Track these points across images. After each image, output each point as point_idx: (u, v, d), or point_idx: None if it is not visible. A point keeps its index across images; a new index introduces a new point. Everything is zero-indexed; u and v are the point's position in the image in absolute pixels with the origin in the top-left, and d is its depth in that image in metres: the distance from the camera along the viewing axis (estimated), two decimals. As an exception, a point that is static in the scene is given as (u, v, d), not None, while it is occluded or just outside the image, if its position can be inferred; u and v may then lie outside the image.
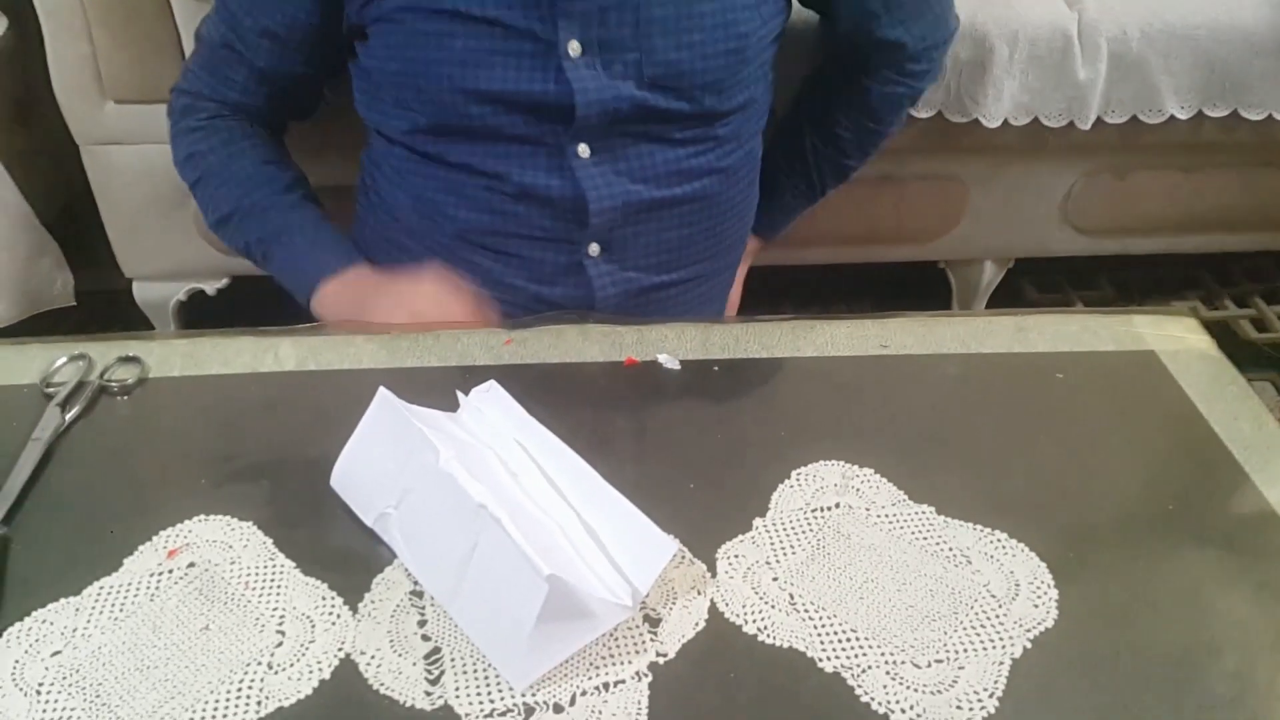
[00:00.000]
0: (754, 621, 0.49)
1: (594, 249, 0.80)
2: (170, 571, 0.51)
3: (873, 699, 0.45)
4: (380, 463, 0.53)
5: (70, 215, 1.29)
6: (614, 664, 0.46)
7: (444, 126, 0.76)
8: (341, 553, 0.52)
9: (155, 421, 0.63)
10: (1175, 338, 0.70)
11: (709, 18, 0.74)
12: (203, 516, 0.54)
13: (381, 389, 0.54)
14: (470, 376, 0.61)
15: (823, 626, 0.48)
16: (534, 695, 0.45)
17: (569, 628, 0.46)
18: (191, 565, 0.51)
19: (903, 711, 0.45)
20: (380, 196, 0.86)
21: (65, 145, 1.15)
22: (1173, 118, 1.17)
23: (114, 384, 0.64)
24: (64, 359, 0.65)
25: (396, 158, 0.81)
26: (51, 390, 0.63)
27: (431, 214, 0.81)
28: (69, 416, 0.61)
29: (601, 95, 0.74)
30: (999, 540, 0.53)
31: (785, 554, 0.52)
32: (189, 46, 1.06)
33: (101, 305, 1.33)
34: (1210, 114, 1.17)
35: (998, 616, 0.49)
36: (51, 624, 0.48)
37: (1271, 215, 1.31)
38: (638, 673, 0.46)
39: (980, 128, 1.16)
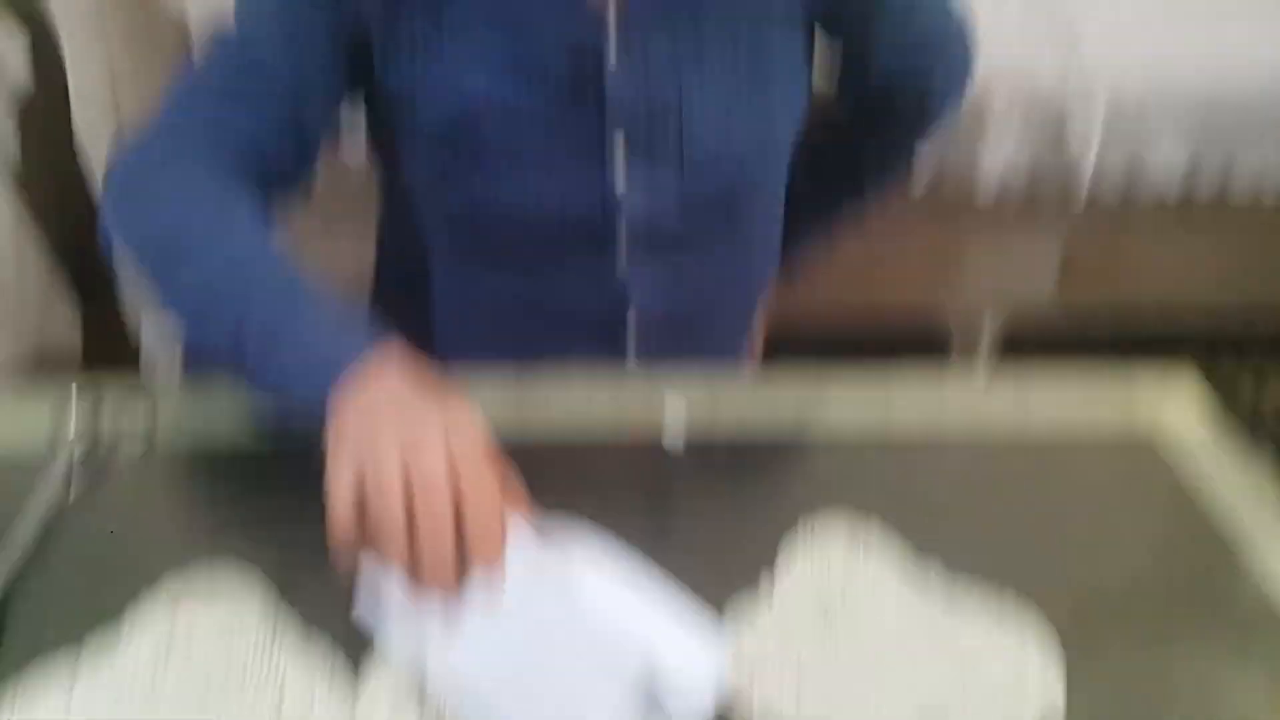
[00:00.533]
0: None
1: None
2: (169, 646, 0.49)
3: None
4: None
5: (82, 251, 1.32)
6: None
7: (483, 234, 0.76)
8: (347, 628, 0.49)
9: (161, 483, 0.62)
10: (1178, 406, 0.69)
11: (742, 115, 0.74)
12: (206, 585, 0.52)
13: None
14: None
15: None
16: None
17: None
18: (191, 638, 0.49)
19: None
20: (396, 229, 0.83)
21: (82, 182, 1.18)
22: (1167, 182, 1.19)
23: (122, 440, 0.62)
24: (74, 413, 0.64)
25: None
26: (59, 447, 0.61)
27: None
28: (75, 476, 0.59)
29: (644, 196, 0.74)
30: (1006, 626, 0.51)
31: (790, 643, 0.50)
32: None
33: (109, 341, 1.33)
34: (1204, 178, 1.19)
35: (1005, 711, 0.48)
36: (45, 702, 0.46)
37: (1267, 278, 1.32)
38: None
39: (974, 194, 1.19)
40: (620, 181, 0.72)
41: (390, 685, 0.47)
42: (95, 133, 1.15)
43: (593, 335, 0.78)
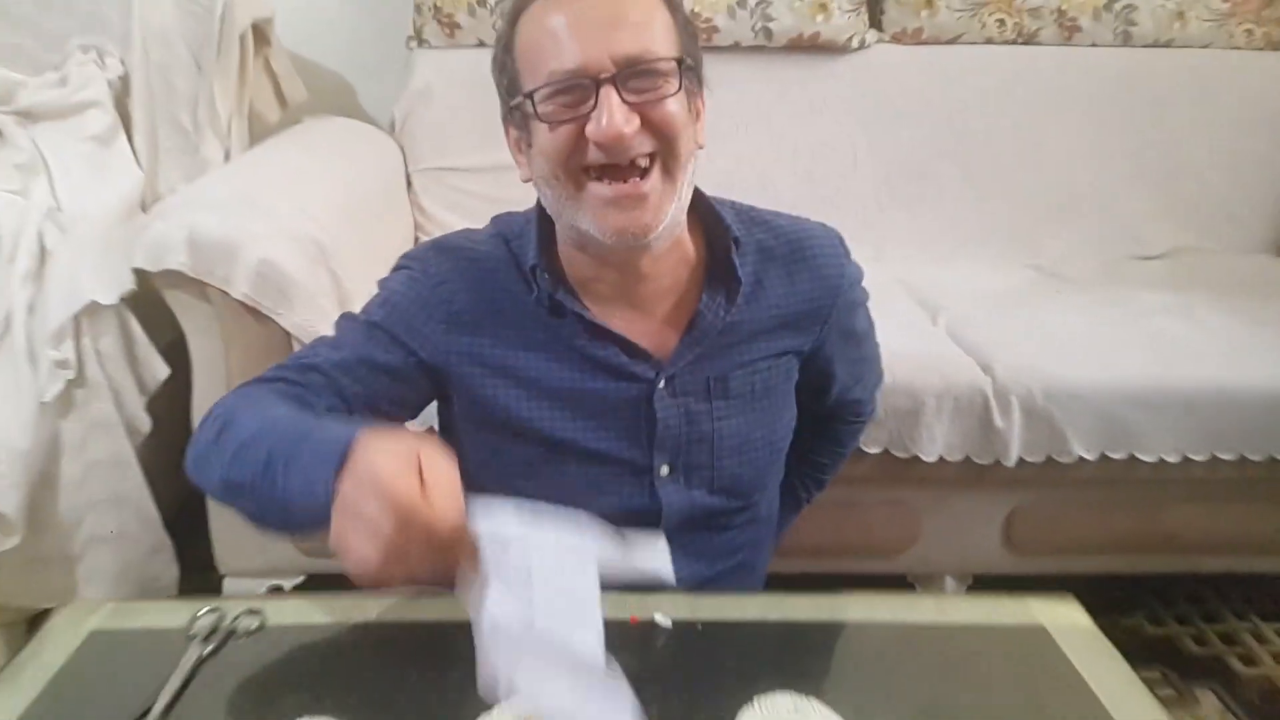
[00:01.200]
0: None
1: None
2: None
3: None
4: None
5: (184, 518, 1.59)
6: None
7: None
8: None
9: (275, 659, 0.84)
10: (1062, 614, 0.92)
11: (760, 441, 0.98)
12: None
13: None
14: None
15: None
16: None
17: None
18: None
19: None
20: None
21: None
22: (1081, 459, 1.44)
23: (241, 629, 0.85)
24: (205, 609, 0.87)
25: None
26: (194, 632, 0.84)
27: None
28: (206, 651, 0.82)
29: (682, 504, 0.96)
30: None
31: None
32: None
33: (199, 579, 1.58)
34: (1113, 456, 1.44)
35: None
36: None
37: (1183, 544, 1.54)
38: None
39: (922, 462, 1.44)
40: (665, 496, 0.95)
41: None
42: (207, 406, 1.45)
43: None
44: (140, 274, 1.40)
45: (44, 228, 1.46)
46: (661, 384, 0.93)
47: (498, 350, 0.93)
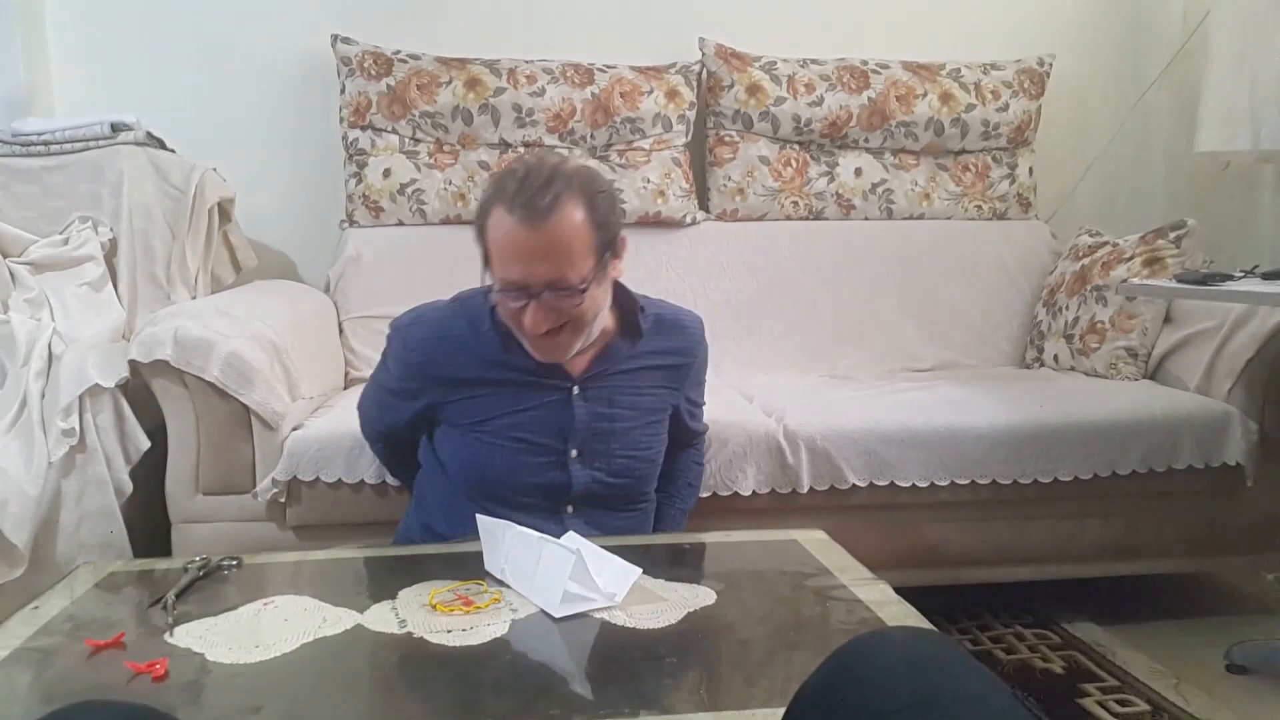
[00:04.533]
0: None
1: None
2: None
3: None
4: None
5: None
6: None
7: (486, 493, 1.39)
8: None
9: (254, 577, 1.22)
10: (809, 535, 1.36)
11: (643, 443, 1.46)
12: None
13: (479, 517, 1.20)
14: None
15: None
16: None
17: (579, 599, 1.05)
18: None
19: None
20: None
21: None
22: (854, 485, 1.91)
23: (225, 566, 1.24)
24: (196, 558, 1.24)
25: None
26: (188, 568, 1.21)
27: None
28: (200, 575, 1.19)
29: (586, 480, 1.40)
30: None
31: None
32: (261, 465, 1.80)
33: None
34: (878, 483, 1.92)
35: None
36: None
37: (944, 559, 1.99)
38: None
39: (741, 497, 1.89)
40: (573, 473, 1.40)
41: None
42: (179, 492, 1.83)
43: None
44: (132, 366, 1.82)
45: (52, 341, 1.88)
46: (576, 391, 1.40)
47: (459, 377, 1.41)
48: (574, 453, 1.40)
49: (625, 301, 1.45)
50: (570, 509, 1.42)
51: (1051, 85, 2.79)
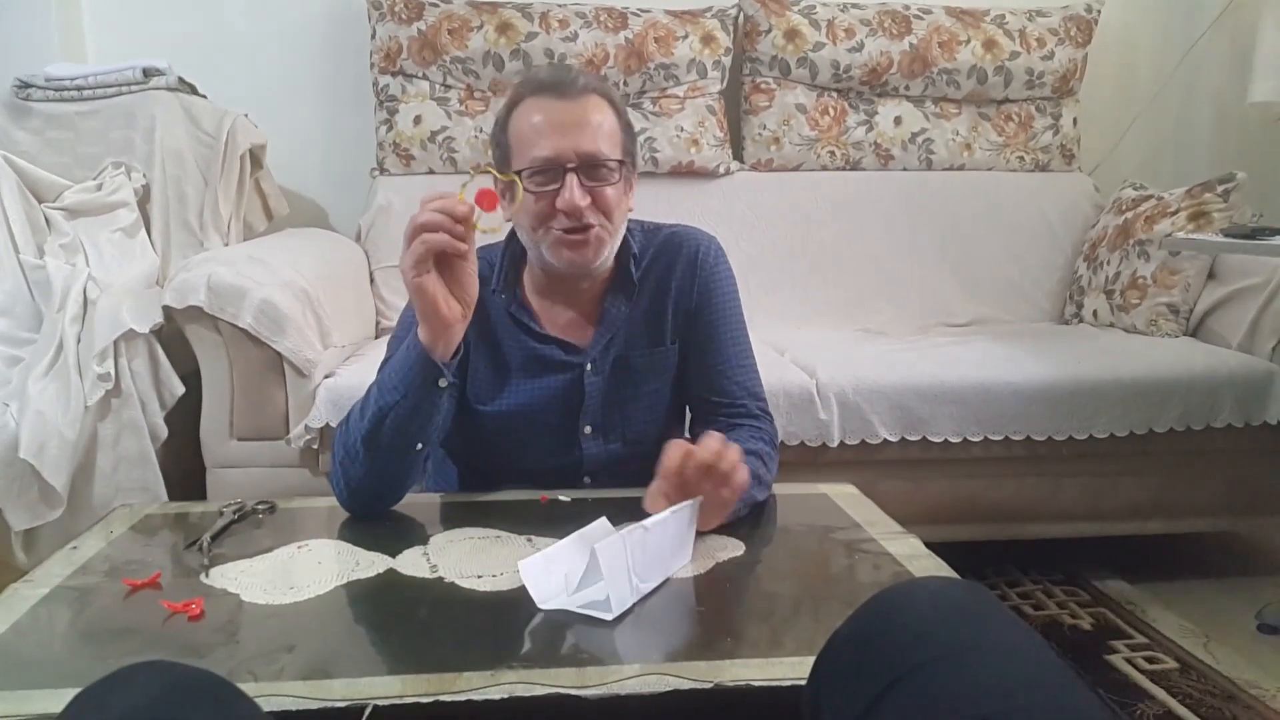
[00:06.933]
0: None
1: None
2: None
3: None
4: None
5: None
6: None
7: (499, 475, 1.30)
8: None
9: (286, 522, 1.22)
10: (839, 490, 1.35)
11: (658, 408, 1.32)
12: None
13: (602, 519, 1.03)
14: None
15: None
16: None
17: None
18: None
19: None
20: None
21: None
22: (886, 440, 1.90)
23: (260, 510, 1.26)
24: (231, 502, 1.26)
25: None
26: (223, 511, 1.23)
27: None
28: (234, 518, 1.19)
29: (599, 454, 1.31)
30: None
31: None
32: (294, 412, 1.81)
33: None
34: (909, 438, 1.90)
35: None
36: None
37: (975, 514, 1.98)
38: None
39: (770, 449, 1.88)
40: (585, 449, 1.31)
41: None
42: (213, 437, 1.85)
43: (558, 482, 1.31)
44: (166, 312, 1.83)
45: (87, 286, 1.89)
46: (588, 367, 1.29)
47: (481, 344, 1.30)
48: (587, 429, 1.32)
49: (621, 253, 1.31)
50: (588, 479, 1.35)
51: (1099, 33, 2.71)
